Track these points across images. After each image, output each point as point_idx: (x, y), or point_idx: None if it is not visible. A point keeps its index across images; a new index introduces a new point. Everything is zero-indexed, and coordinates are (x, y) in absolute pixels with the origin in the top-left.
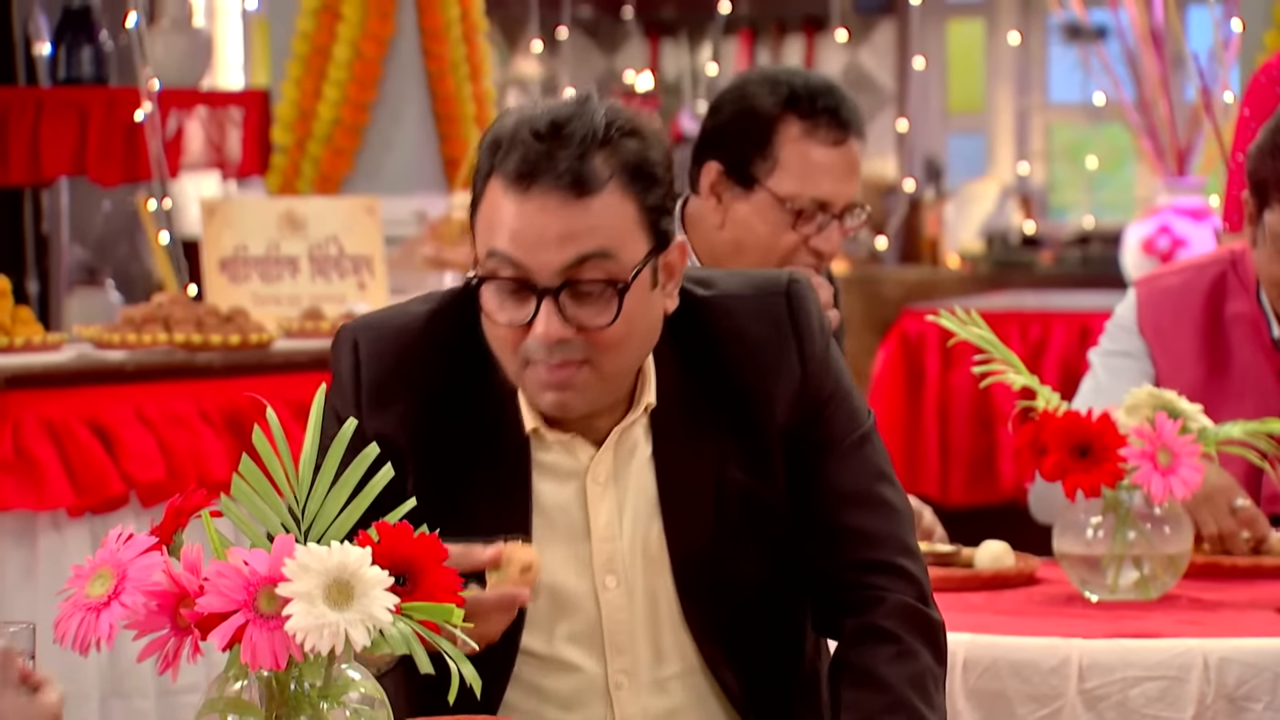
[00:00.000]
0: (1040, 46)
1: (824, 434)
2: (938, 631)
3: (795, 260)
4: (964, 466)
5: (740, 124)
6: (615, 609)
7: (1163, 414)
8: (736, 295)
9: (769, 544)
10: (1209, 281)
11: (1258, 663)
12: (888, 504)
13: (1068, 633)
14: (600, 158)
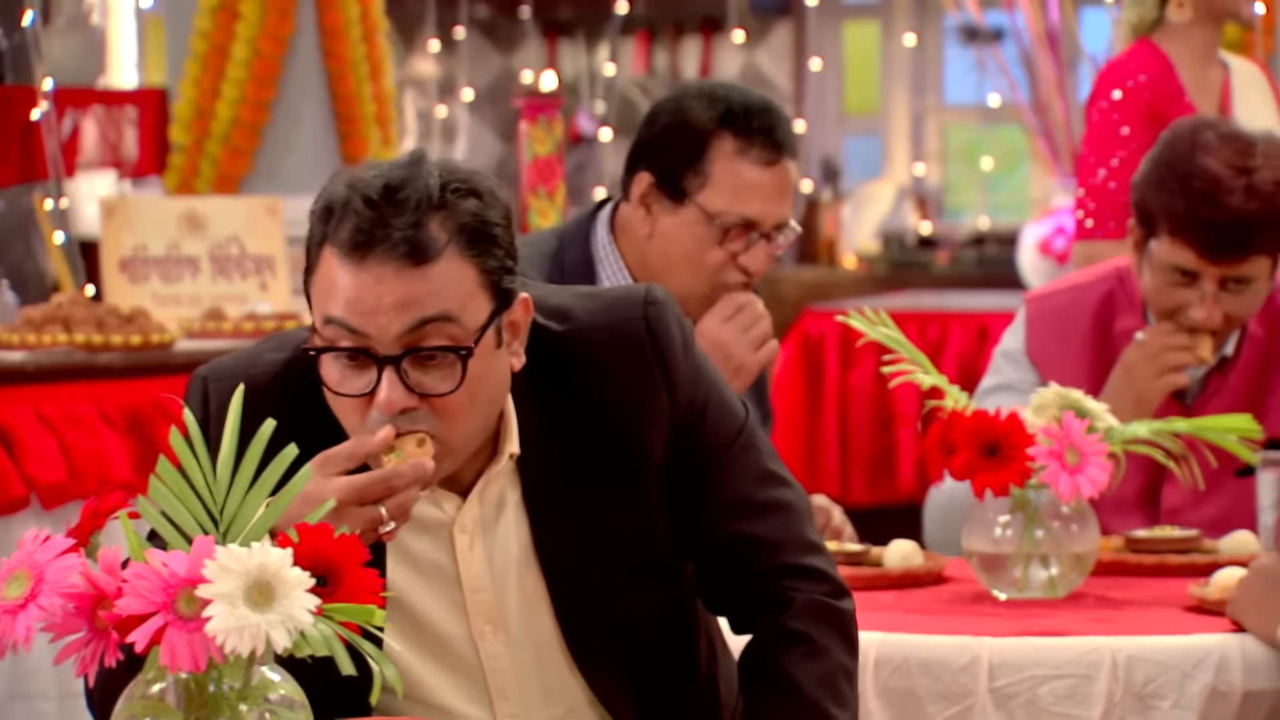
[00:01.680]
0: (936, 48)
1: (704, 449)
2: (849, 623)
3: (723, 277)
4: (864, 466)
5: (674, 137)
6: (495, 657)
7: (1070, 413)
8: (593, 326)
9: (653, 574)
10: (1097, 299)
11: (1165, 660)
12: (781, 505)
13: (977, 631)
14: (436, 222)
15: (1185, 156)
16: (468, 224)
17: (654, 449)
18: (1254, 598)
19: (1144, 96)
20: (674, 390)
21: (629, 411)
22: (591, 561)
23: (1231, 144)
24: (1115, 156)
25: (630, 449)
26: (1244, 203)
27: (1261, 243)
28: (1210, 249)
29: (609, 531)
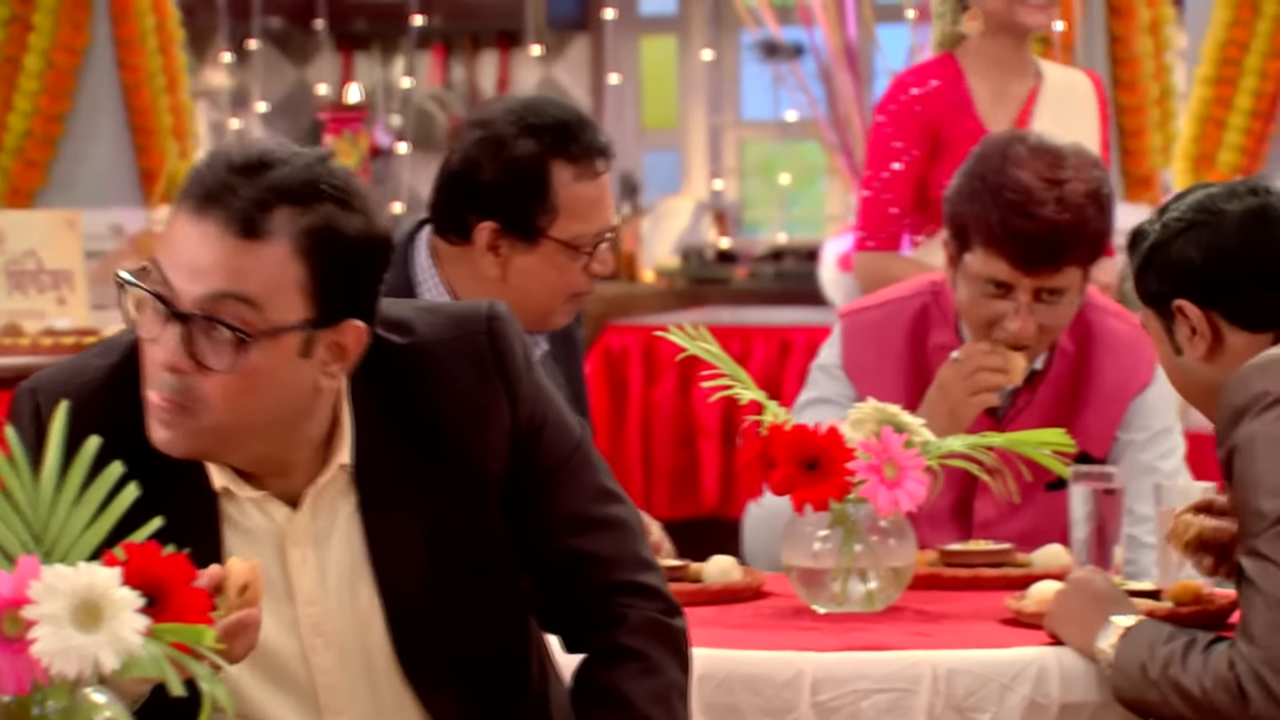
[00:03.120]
0: (733, 63)
1: (542, 464)
2: (682, 641)
3: (577, 289)
4: (667, 481)
5: (511, 180)
6: (326, 671)
7: (888, 428)
8: (436, 339)
9: (490, 587)
10: (911, 313)
11: (984, 673)
12: (616, 522)
13: (799, 646)
14: (286, 213)
15: (997, 169)
16: (318, 228)
17: (493, 462)
18: (1071, 610)
19: (916, 110)
20: (516, 404)
21: (470, 424)
22: (426, 575)
23: (1042, 156)
24: (886, 170)
25: (470, 461)
26: (1056, 214)
27: (1073, 254)
28: (1024, 260)
29: (445, 545)
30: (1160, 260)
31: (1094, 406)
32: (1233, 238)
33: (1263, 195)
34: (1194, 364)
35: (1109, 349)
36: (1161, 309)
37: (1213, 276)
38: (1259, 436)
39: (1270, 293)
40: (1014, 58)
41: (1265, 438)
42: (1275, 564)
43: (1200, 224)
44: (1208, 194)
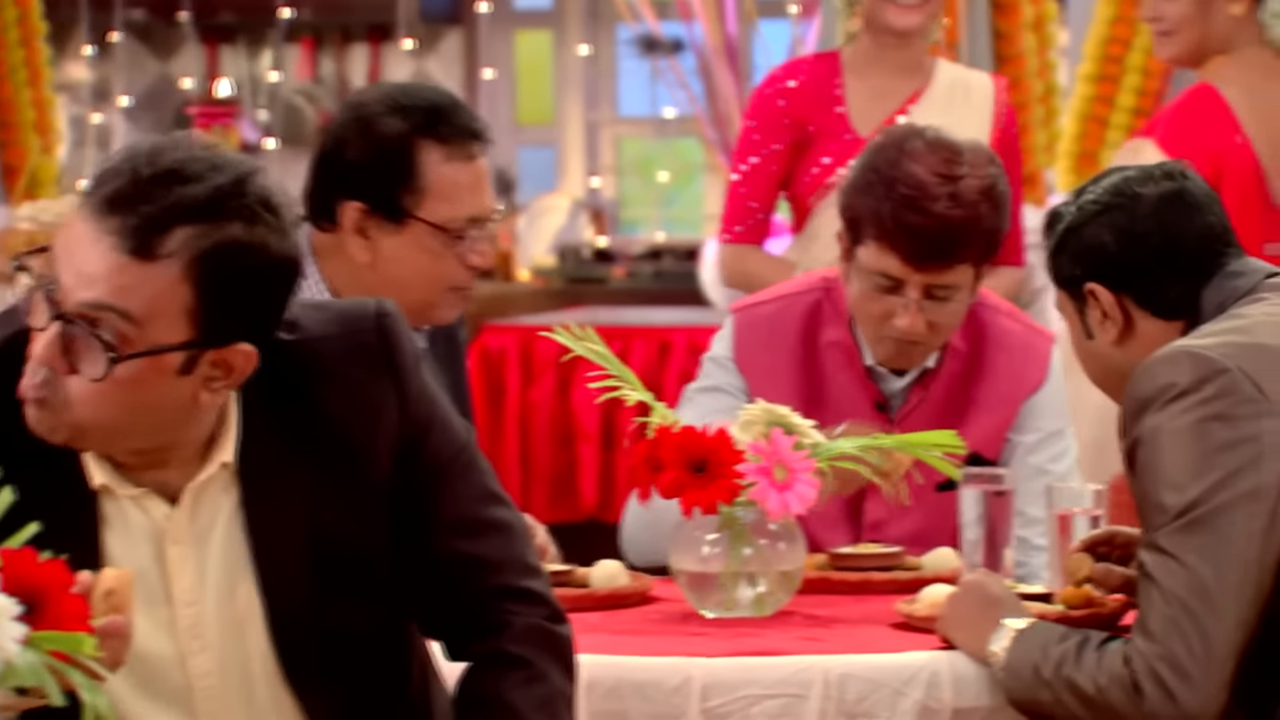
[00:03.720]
0: (610, 59)
1: (428, 466)
2: (567, 648)
3: (456, 280)
4: (545, 484)
5: (377, 159)
6: (204, 674)
7: (778, 429)
8: (324, 336)
9: (373, 590)
10: (803, 309)
11: (876, 678)
12: (502, 525)
13: (688, 651)
14: (185, 233)
15: (892, 162)
16: (215, 251)
17: (381, 461)
18: (963, 614)
19: (779, 104)
20: (404, 403)
21: (358, 421)
22: (308, 576)
23: (939, 151)
24: (746, 163)
25: (356, 460)
26: (948, 209)
27: (965, 251)
28: (915, 256)
29: (328, 545)
30: (1074, 243)
31: (986, 407)
32: (1147, 222)
33: (1179, 180)
34: (1104, 348)
35: (1002, 349)
36: (1074, 292)
37: (1126, 261)
38: (1163, 430)
39: (1182, 280)
40: (896, 56)
41: (1169, 431)
42: (1175, 559)
43: (1115, 207)
44: (1124, 177)
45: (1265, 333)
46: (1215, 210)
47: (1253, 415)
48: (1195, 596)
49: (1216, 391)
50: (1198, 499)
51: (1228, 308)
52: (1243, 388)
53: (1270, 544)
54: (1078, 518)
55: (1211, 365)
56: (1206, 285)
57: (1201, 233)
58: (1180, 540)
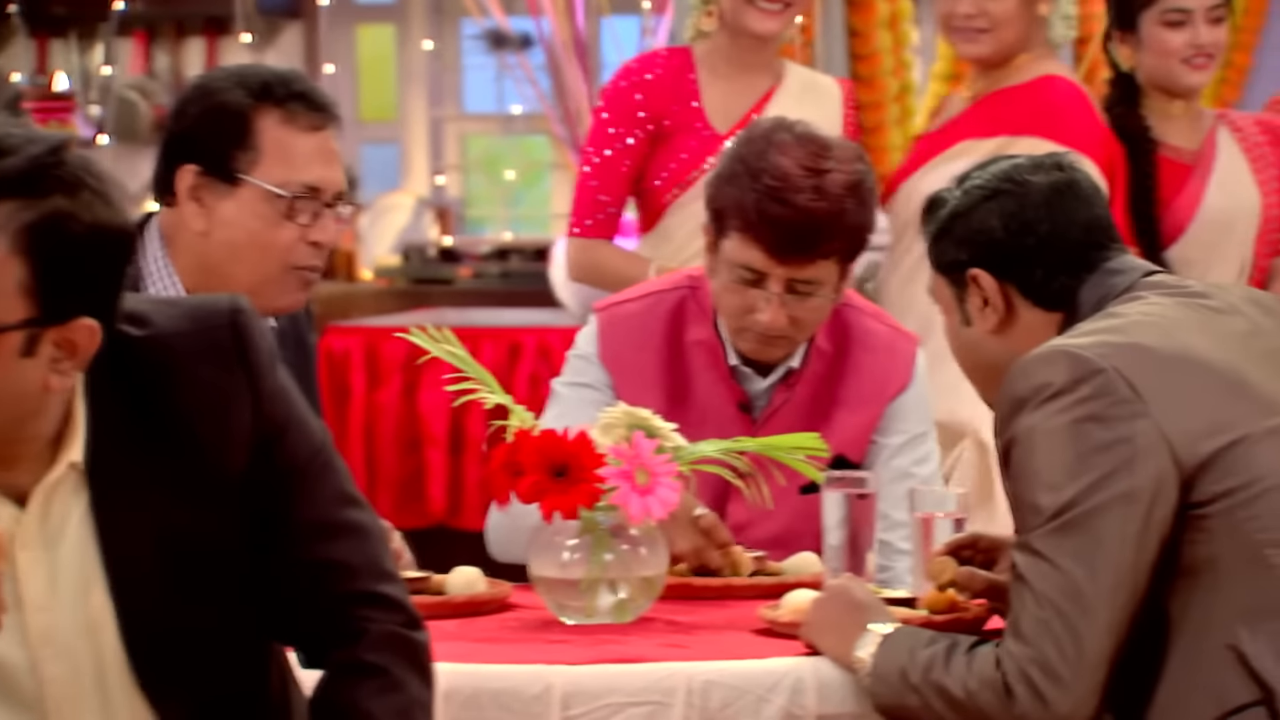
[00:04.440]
0: (454, 54)
1: (285, 465)
2: (424, 655)
3: (294, 257)
4: (392, 489)
5: (213, 122)
6: (56, 683)
7: (640, 433)
8: (176, 332)
9: (228, 594)
10: (669, 308)
11: (740, 685)
12: (358, 529)
13: (548, 659)
14: (8, 208)
15: (759, 154)
16: (41, 224)
17: (235, 461)
18: (828, 619)
19: (636, 97)
20: (259, 400)
21: (211, 420)
22: (162, 579)
23: (806, 145)
24: (599, 155)
25: (209, 461)
26: (811, 202)
27: (829, 245)
28: (777, 248)
29: (182, 549)
30: (960, 227)
31: (850, 408)
32: (1037, 210)
33: (1069, 171)
34: (982, 337)
35: (867, 350)
36: (955, 277)
37: (1013, 248)
38: (1038, 429)
39: (1066, 271)
40: (752, 57)
41: (1045, 431)
42: (1049, 561)
43: (1005, 193)
44: (1013, 164)
45: (1141, 332)
46: (1102, 204)
47: (1128, 416)
48: (1068, 599)
49: (1092, 392)
50: (1072, 500)
51: (1105, 305)
52: (1118, 388)
53: (1144, 546)
54: (940, 521)
55: (1088, 365)
56: (1088, 279)
57: (1089, 225)
58: (1054, 542)
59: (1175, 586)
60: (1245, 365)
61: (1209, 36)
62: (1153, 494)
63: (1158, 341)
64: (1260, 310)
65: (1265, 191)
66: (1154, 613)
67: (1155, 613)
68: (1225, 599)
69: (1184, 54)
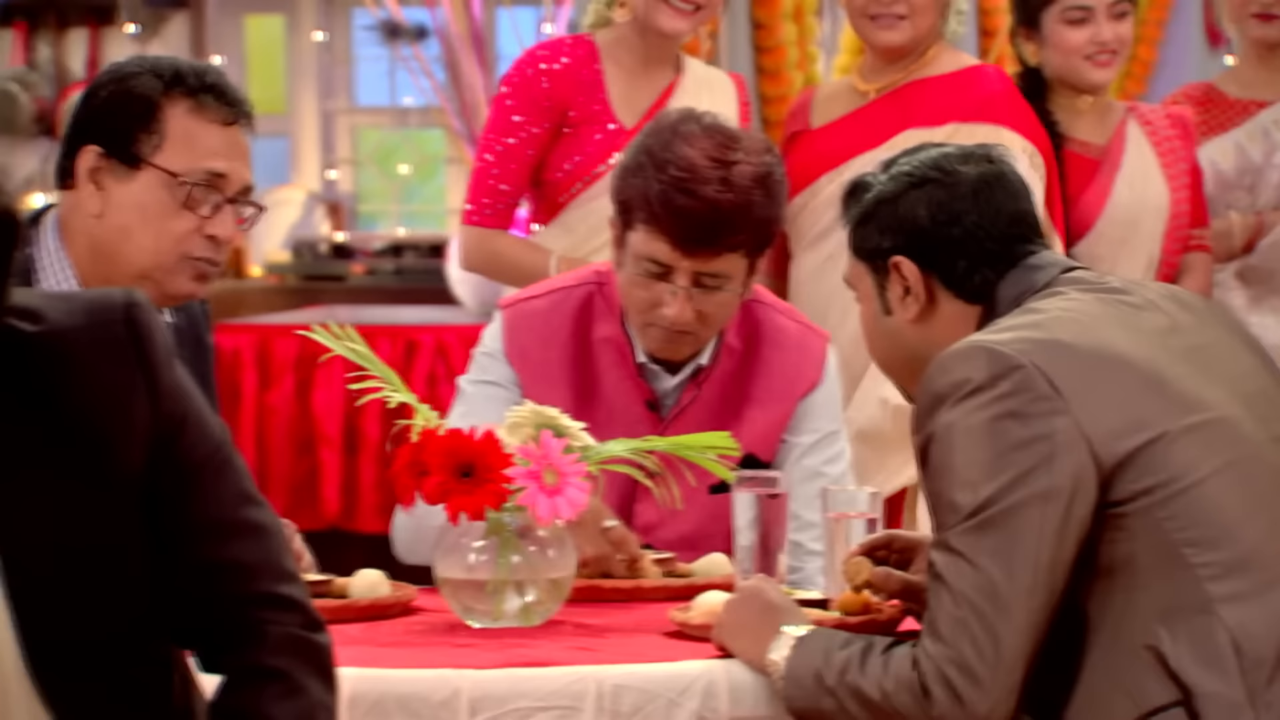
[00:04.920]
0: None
1: (184, 463)
2: (327, 659)
3: (189, 247)
4: (284, 490)
5: (120, 105)
6: None
7: (548, 432)
8: (71, 327)
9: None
10: (576, 304)
11: (650, 688)
12: (258, 528)
13: (455, 663)
14: None
15: (665, 144)
16: None
17: (132, 458)
18: (741, 621)
19: (542, 85)
20: (157, 397)
21: (107, 417)
22: (60, 581)
23: (714, 136)
24: (501, 144)
25: (107, 458)
26: (719, 193)
27: (735, 237)
28: (684, 240)
29: (81, 549)
30: (886, 214)
31: (760, 406)
32: (966, 201)
33: (998, 163)
34: (900, 325)
35: (777, 347)
36: (876, 264)
37: (938, 238)
38: (957, 426)
39: (990, 263)
40: (657, 51)
41: (963, 428)
42: (967, 560)
43: (934, 182)
44: (942, 153)
45: (1061, 328)
46: (1028, 198)
47: (1047, 413)
48: (986, 598)
49: (1011, 388)
50: (990, 499)
51: (1024, 301)
52: (1038, 385)
53: (1063, 545)
54: (854, 521)
55: (1007, 361)
56: (1009, 274)
57: (1014, 218)
58: (972, 540)
59: (1093, 586)
60: (1164, 362)
61: (1111, 33)
62: (1071, 492)
63: (1077, 338)
64: (1178, 306)
65: (1174, 187)
66: (1072, 613)
67: (1073, 613)
68: (1143, 599)
69: (1086, 51)
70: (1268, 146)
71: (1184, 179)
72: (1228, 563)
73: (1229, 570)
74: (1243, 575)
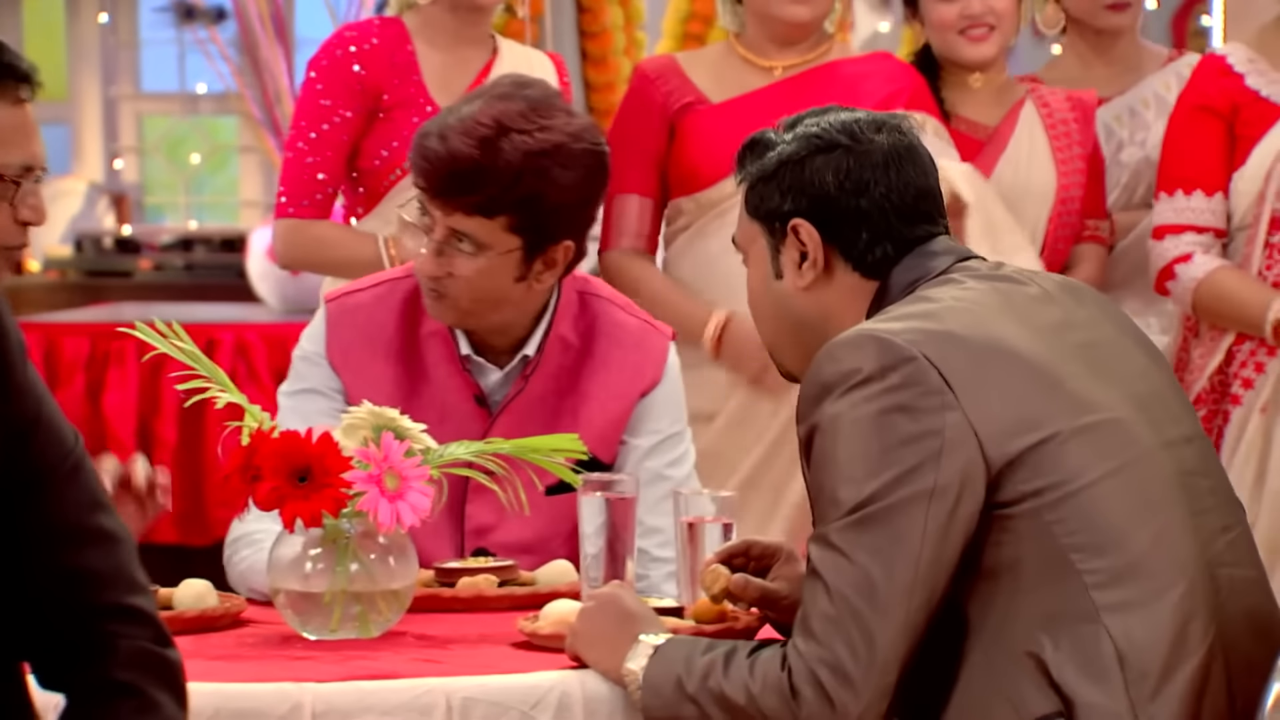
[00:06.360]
0: (131, 29)
1: (35, 466)
2: (178, 674)
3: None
4: None
5: None
6: None
7: (389, 434)
8: None
9: None
10: (403, 297)
11: (502, 700)
12: (109, 536)
13: (295, 676)
14: None
15: (470, 99)
16: None
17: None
18: (596, 631)
19: (353, 69)
20: (8, 397)
21: None
22: None
23: (519, 104)
24: (315, 130)
25: None
26: (466, 147)
27: (474, 196)
28: (428, 184)
29: None
30: (789, 176)
31: (598, 403)
32: (875, 171)
33: (908, 135)
34: (791, 292)
35: (615, 343)
36: (774, 226)
37: (843, 207)
38: (843, 418)
39: (892, 239)
40: (470, 30)
41: (850, 420)
42: (845, 556)
43: (845, 149)
44: (855, 119)
45: (954, 319)
46: (935, 175)
47: (937, 408)
48: (863, 597)
49: (902, 381)
50: (874, 495)
51: (917, 287)
52: (929, 378)
53: (946, 545)
54: (707, 526)
55: (898, 353)
56: (905, 257)
57: (923, 194)
58: (852, 537)
59: (976, 588)
60: (1057, 359)
61: (982, 5)
62: (958, 490)
63: (970, 330)
64: (1074, 300)
65: (1063, 172)
66: (953, 615)
67: (955, 615)
68: (1027, 604)
69: (959, 25)
70: (1112, 145)
71: (1076, 164)
72: (1115, 570)
73: (1116, 578)
74: (1130, 584)
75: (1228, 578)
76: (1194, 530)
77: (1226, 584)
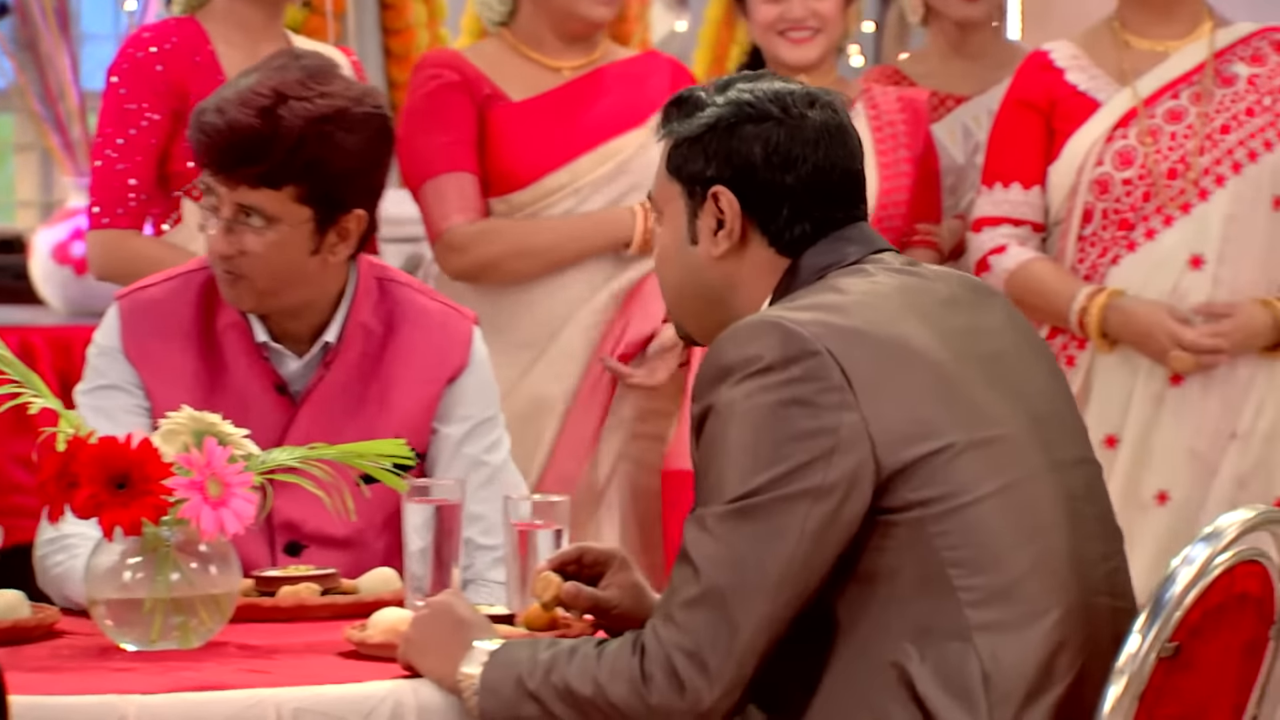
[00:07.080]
0: None
1: None
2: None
3: None
4: None
5: None
6: None
7: (212, 439)
8: None
9: None
10: (197, 290)
11: (334, 711)
12: None
13: (117, 688)
14: None
15: (249, 72)
16: None
17: None
18: (430, 638)
19: (156, 69)
20: None
21: None
22: None
23: (296, 73)
24: (122, 135)
25: None
26: (245, 116)
27: (258, 167)
28: (208, 159)
29: None
30: (716, 142)
31: (404, 389)
32: (806, 148)
33: (840, 113)
34: (702, 259)
35: (419, 328)
36: (694, 190)
37: (768, 181)
38: (739, 405)
39: (812, 219)
40: (266, 26)
41: (746, 408)
42: (721, 542)
43: (777, 121)
44: (788, 90)
45: (862, 315)
46: (862, 160)
47: (835, 406)
48: (731, 586)
49: (803, 374)
50: (759, 487)
51: (829, 274)
52: (831, 374)
53: (823, 545)
54: (540, 532)
55: (802, 345)
56: (822, 240)
57: (848, 176)
58: (730, 525)
59: (850, 592)
60: (961, 368)
61: (804, 9)
62: (845, 492)
63: (876, 327)
64: (983, 306)
65: (886, 175)
66: (823, 615)
67: (825, 616)
68: (900, 614)
69: (778, 27)
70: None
71: (901, 167)
72: (991, 590)
73: (991, 597)
74: (1004, 605)
75: (1102, 607)
76: (1074, 557)
77: (1100, 614)
